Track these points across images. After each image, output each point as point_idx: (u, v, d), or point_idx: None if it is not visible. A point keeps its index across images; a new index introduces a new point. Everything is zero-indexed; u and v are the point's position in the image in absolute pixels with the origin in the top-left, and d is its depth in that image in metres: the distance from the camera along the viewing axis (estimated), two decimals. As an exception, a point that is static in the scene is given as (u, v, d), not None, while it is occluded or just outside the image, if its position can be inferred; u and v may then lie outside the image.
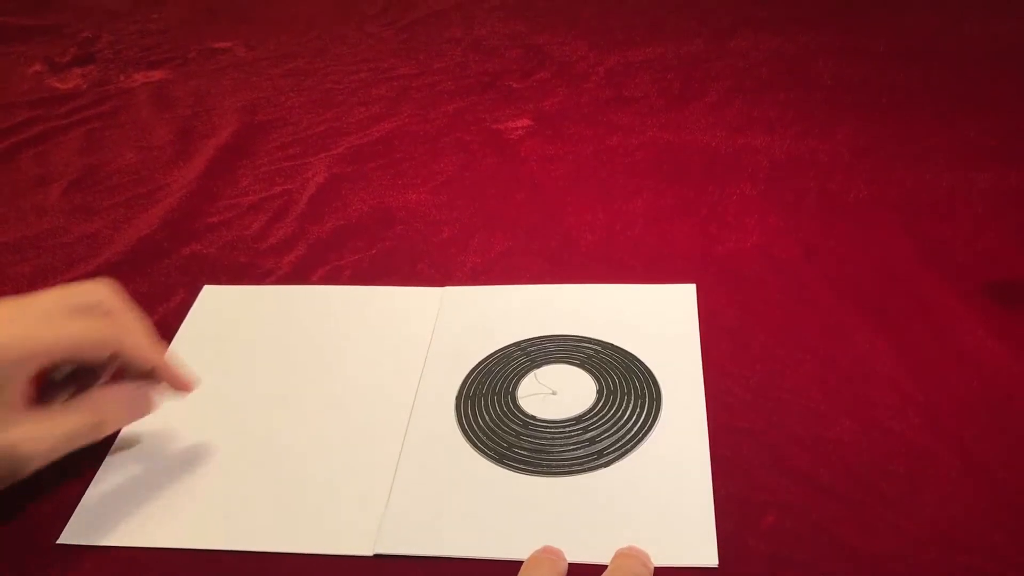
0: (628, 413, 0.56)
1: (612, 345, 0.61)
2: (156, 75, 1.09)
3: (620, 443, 0.54)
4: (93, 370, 0.52)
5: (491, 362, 0.61)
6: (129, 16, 1.27)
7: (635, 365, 0.59)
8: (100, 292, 0.51)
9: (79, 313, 0.49)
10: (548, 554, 0.47)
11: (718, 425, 0.55)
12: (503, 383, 0.59)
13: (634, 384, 0.58)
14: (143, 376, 0.53)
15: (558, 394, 0.58)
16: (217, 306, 0.69)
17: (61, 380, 0.51)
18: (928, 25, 1.01)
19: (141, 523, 0.52)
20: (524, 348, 0.62)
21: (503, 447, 0.54)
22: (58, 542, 0.51)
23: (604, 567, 0.46)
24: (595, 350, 0.61)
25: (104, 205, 0.83)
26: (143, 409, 0.54)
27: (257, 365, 0.63)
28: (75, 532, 0.52)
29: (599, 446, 0.54)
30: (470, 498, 0.52)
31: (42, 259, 0.76)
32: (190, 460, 0.56)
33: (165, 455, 0.56)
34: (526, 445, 0.54)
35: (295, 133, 0.93)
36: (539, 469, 0.53)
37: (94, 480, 0.55)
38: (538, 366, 0.60)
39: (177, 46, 1.16)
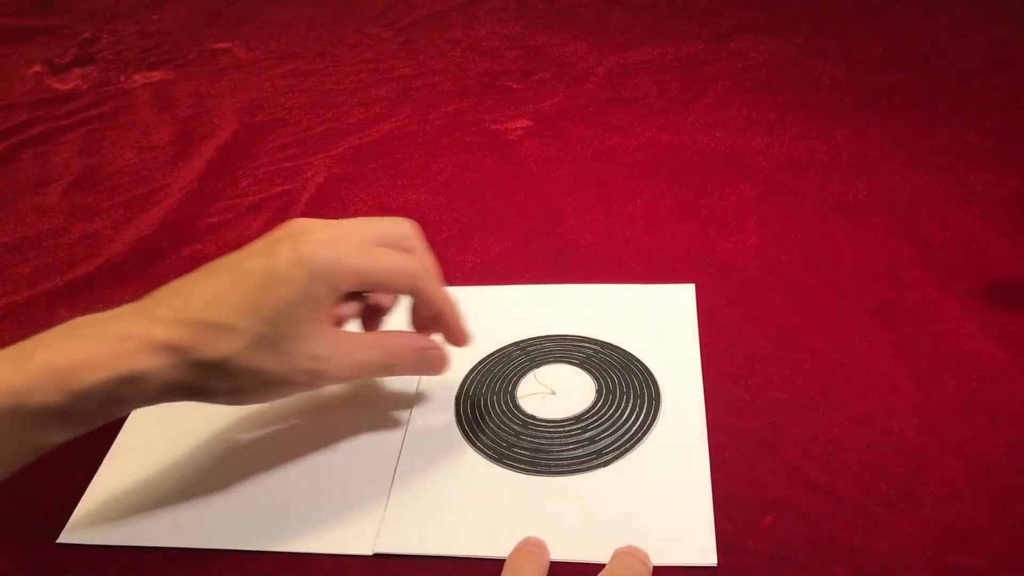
0: (627, 413, 0.56)
1: (611, 345, 0.61)
2: (156, 76, 1.09)
3: (619, 443, 0.54)
4: (379, 306, 0.55)
5: (491, 362, 0.61)
6: (129, 17, 1.27)
7: (634, 365, 0.60)
8: (404, 227, 0.52)
9: (386, 245, 0.50)
10: (531, 546, 0.48)
11: (717, 425, 0.55)
12: (502, 383, 0.59)
13: (633, 384, 0.58)
14: (424, 320, 0.54)
15: (557, 394, 0.58)
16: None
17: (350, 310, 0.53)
18: (927, 27, 1.01)
19: (141, 522, 0.52)
20: (523, 348, 0.62)
21: (502, 447, 0.55)
22: (58, 541, 0.51)
23: (603, 566, 0.46)
24: (594, 350, 0.61)
25: (104, 206, 0.84)
26: (436, 366, 0.54)
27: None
28: (75, 531, 0.52)
29: (598, 445, 0.54)
30: (469, 497, 0.52)
31: (42, 259, 0.76)
32: (190, 459, 0.56)
33: (165, 454, 0.56)
34: (525, 445, 0.54)
35: (295, 134, 0.93)
36: (538, 469, 0.53)
37: (94, 479, 0.55)
38: (537, 366, 0.60)
39: (177, 47, 1.17)
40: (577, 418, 0.56)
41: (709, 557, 0.47)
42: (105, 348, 0.44)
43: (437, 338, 0.54)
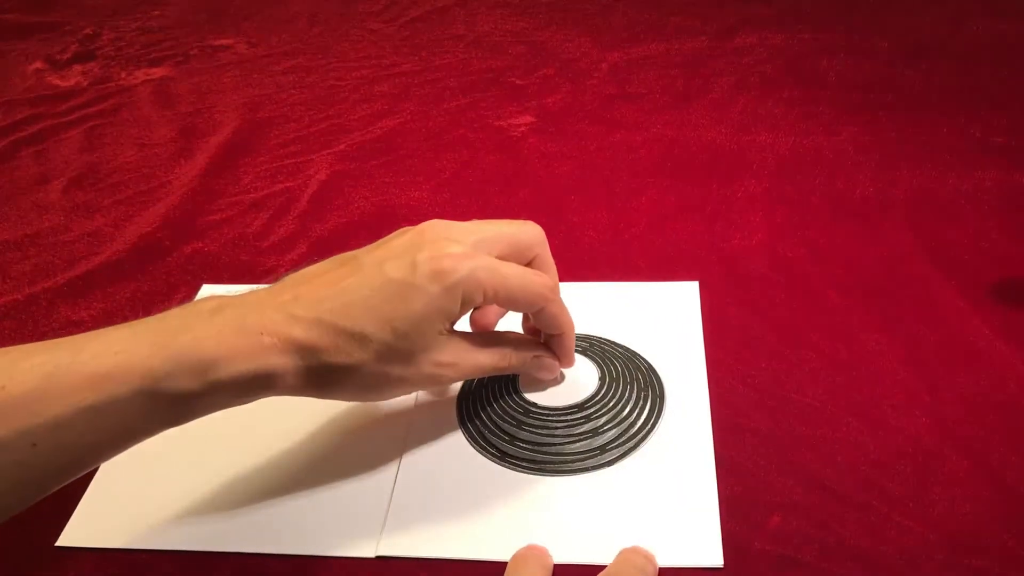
0: (631, 405, 0.55)
1: (615, 343, 0.61)
2: (157, 72, 1.09)
3: (623, 437, 0.53)
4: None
5: None
6: (130, 13, 1.27)
7: (638, 361, 0.59)
8: (533, 234, 0.52)
9: (516, 252, 0.51)
10: (533, 551, 0.47)
11: (723, 424, 0.54)
12: (505, 377, 0.58)
13: (637, 378, 0.58)
14: (537, 332, 0.56)
15: (560, 379, 0.58)
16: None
17: None
18: (934, 23, 1.00)
19: (141, 525, 0.51)
20: None
21: (504, 439, 0.54)
22: (57, 544, 0.51)
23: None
24: (598, 342, 0.60)
25: (105, 203, 0.83)
26: (548, 371, 0.56)
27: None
28: (74, 534, 0.51)
29: (601, 440, 0.53)
30: (473, 499, 0.51)
31: (43, 257, 0.76)
32: (190, 461, 0.55)
33: (165, 456, 0.56)
34: (527, 437, 0.54)
35: (297, 130, 0.93)
36: (541, 465, 0.52)
37: (93, 481, 0.54)
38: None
39: (178, 43, 1.16)
40: (580, 406, 0.55)
41: (715, 558, 0.47)
42: (246, 342, 0.44)
43: None
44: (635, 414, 0.55)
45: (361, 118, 0.94)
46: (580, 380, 0.58)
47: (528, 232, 0.52)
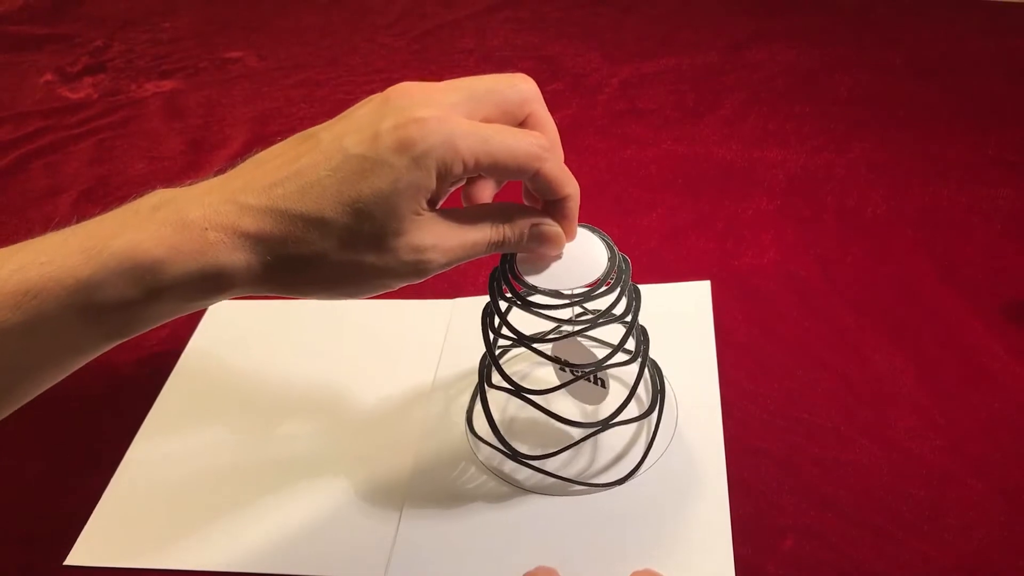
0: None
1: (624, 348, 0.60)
2: (167, 85, 1.09)
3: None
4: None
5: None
6: (141, 25, 1.27)
7: (652, 370, 0.58)
8: (522, 87, 0.45)
9: (502, 111, 0.44)
10: (543, 573, 0.47)
11: (735, 445, 0.54)
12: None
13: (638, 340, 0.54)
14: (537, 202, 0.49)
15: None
16: (226, 321, 0.68)
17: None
18: (946, 39, 1.00)
19: (148, 544, 0.51)
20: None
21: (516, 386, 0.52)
22: (65, 563, 0.51)
23: (620, 592, 0.45)
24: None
25: (114, 216, 0.83)
26: (551, 242, 0.48)
27: (266, 382, 0.62)
28: (83, 553, 0.51)
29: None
30: (481, 520, 0.51)
31: (52, 271, 0.76)
32: (199, 480, 0.55)
33: (173, 475, 0.56)
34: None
35: (306, 144, 0.93)
36: (548, 472, 0.52)
37: (101, 500, 0.54)
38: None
39: (188, 56, 1.16)
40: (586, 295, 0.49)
41: (728, 582, 0.46)
42: (189, 239, 0.40)
43: None
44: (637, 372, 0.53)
45: (371, 132, 0.94)
46: (585, 258, 0.50)
47: (518, 87, 0.45)
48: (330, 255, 0.42)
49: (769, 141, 0.85)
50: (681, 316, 0.63)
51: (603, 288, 0.49)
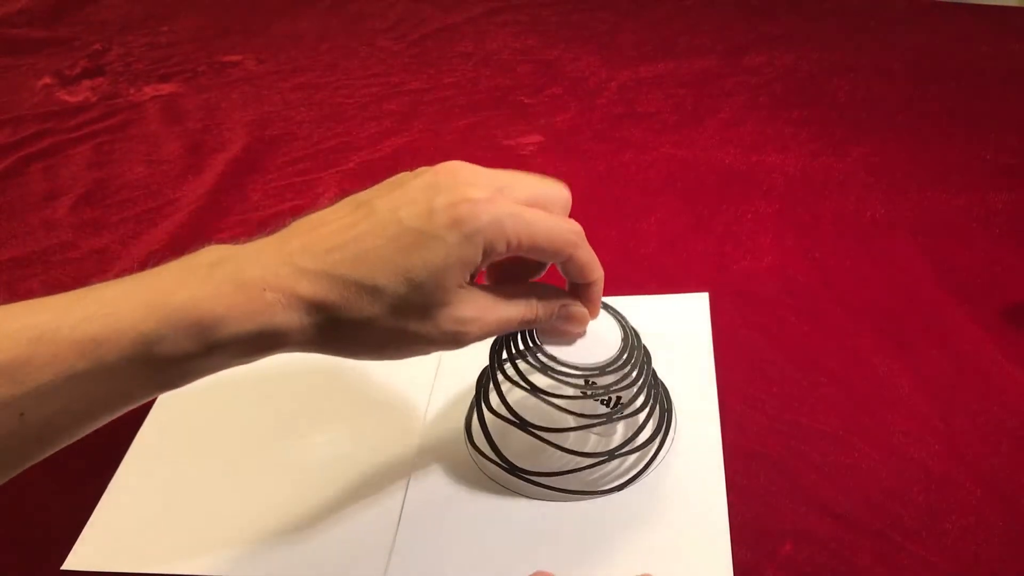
0: (644, 370, 0.53)
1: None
2: (166, 88, 1.09)
3: (631, 444, 0.53)
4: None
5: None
6: (139, 29, 1.27)
7: (660, 392, 0.58)
8: (557, 191, 0.48)
9: (538, 206, 0.47)
10: None
11: (734, 450, 0.54)
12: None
13: (651, 382, 0.55)
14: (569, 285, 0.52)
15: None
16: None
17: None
18: (944, 44, 1.00)
19: (147, 548, 0.51)
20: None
21: (515, 418, 0.52)
22: (63, 568, 0.50)
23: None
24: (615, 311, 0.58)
25: (113, 220, 0.83)
26: (577, 322, 0.51)
27: (263, 388, 0.62)
28: (81, 557, 0.51)
29: (611, 442, 0.53)
30: (480, 526, 0.51)
31: (50, 274, 0.76)
32: (197, 485, 0.55)
33: (172, 480, 0.56)
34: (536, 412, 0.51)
35: (305, 148, 0.93)
36: (550, 483, 0.52)
37: (100, 504, 0.54)
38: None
39: (187, 59, 1.16)
40: (601, 368, 0.52)
41: (727, 587, 0.46)
42: (247, 299, 0.41)
43: None
44: (645, 415, 0.53)
45: (369, 136, 0.94)
46: (602, 337, 0.54)
47: (554, 190, 0.48)
48: (379, 321, 0.44)
49: (768, 145, 0.85)
50: (679, 328, 0.63)
51: (618, 365, 0.52)
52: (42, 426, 0.40)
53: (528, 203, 0.46)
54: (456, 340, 0.46)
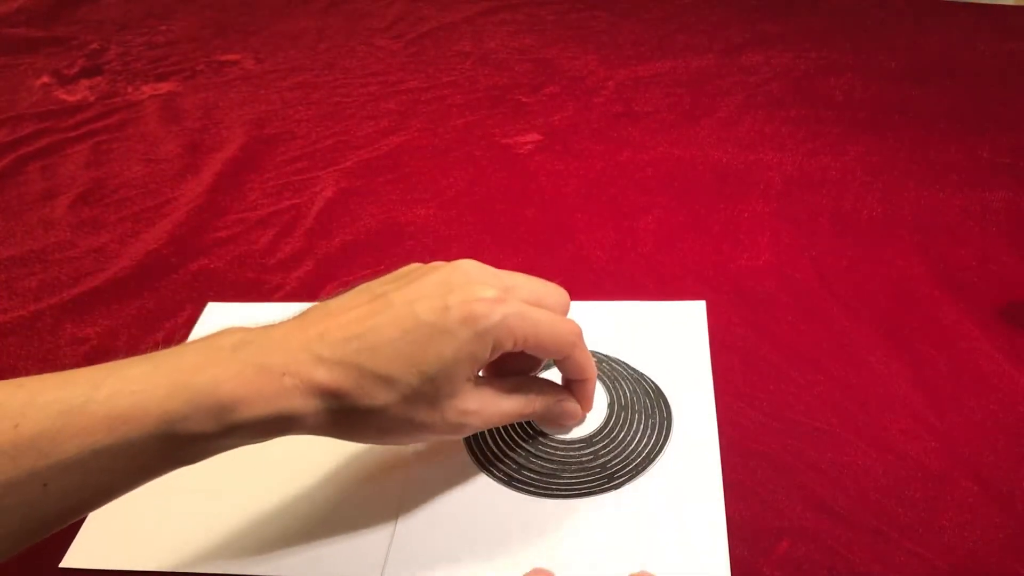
0: (639, 435, 0.55)
1: (622, 362, 0.61)
2: (164, 87, 1.09)
3: (630, 467, 0.53)
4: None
5: None
6: (137, 28, 1.27)
7: (645, 382, 0.59)
8: (561, 297, 0.52)
9: (548, 308, 0.50)
10: (540, 574, 0.47)
11: (731, 448, 0.54)
12: None
13: (645, 403, 0.57)
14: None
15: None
16: (221, 324, 0.68)
17: None
18: (942, 43, 1.00)
19: (146, 546, 0.51)
20: None
21: (512, 469, 0.54)
22: (61, 566, 0.50)
23: (616, 594, 0.46)
24: (606, 367, 0.60)
25: (111, 219, 0.83)
26: (569, 418, 0.55)
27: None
28: (78, 555, 0.51)
29: (609, 471, 0.53)
30: (478, 522, 0.51)
31: (48, 273, 0.76)
32: (196, 483, 0.55)
33: (170, 477, 0.55)
34: (535, 467, 0.54)
35: (303, 147, 0.93)
36: (548, 492, 0.52)
37: (99, 501, 0.54)
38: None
39: (185, 58, 1.16)
40: (588, 440, 0.55)
41: (724, 584, 0.46)
42: (267, 383, 0.43)
43: None
44: (642, 444, 0.55)
45: (368, 135, 0.94)
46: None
47: (555, 294, 0.51)
48: (390, 409, 0.45)
49: (765, 144, 0.85)
50: (677, 333, 0.63)
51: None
52: (63, 497, 0.41)
53: (531, 303, 0.49)
54: (458, 430, 0.49)
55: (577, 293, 0.67)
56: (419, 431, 0.47)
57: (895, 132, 0.85)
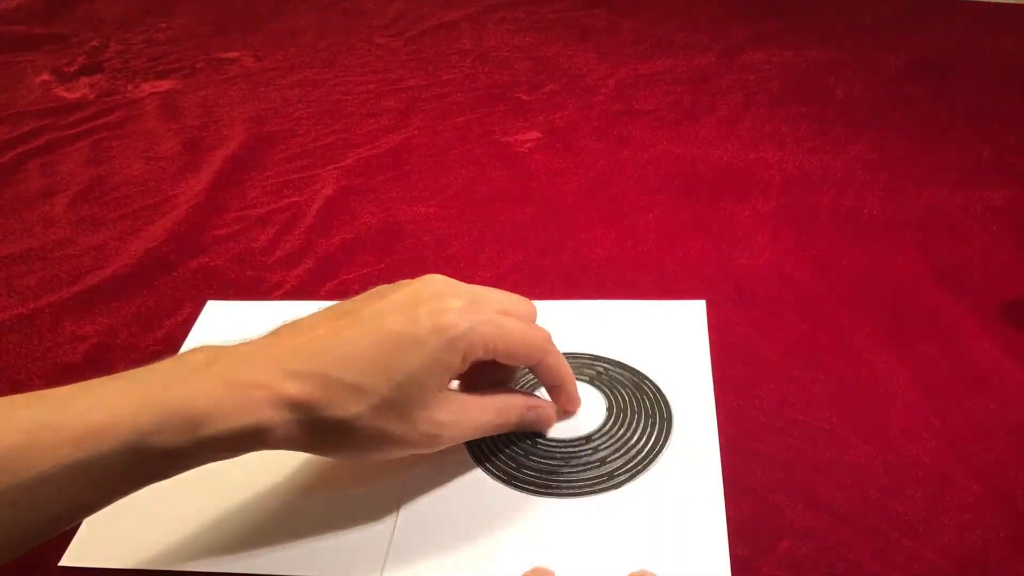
0: (638, 434, 0.55)
1: (621, 363, 0.60)
2: (164, 85, 1.09)
3: (630, 464, 0.53)
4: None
5: None
6: (137, 26, 1.27)
7: (645, 384, 0.59)
8: (528, 308, 0.53)
9: (515, 318, 0.51)
10: (538, 574, 0.47)
11: (731, 447, 0.54)
12: None
13: (644, 403, 0.57)
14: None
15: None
16: (221, 322, 0.68)
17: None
18: (942, 41, 1.00)
19: (145, 545, 0.51)
20: None
21: (511, 467, 0.54)
22: (60, 564, 0.50)
23: (616, 593, 0.46)
24: (605, 368, 0.60)
25: (111, 217, 0.83)
26: (544, 423, 0.55)
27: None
28: (78, 554, 0.51)
29: (609, 467, 0.53)
30: (478, 521, 0.51)
31: (48, 271, 0.76)
32: (196, 481, 0.55)
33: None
34: (535, 465, 0.54)
35: (303, 145, 0.93)
36: (548, 491, 0.52)
37: (98, 499, 0.54)
38: None
39: (185, 56, 1.16)
40: (587, 438, 0.55)
41: (724, 583, 0.46)
42: (236, 396, 0.43)
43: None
44: (642, 442, 0.55)
45: (367, 133, 0.94)
46: (588, 411, 0.57)
47: (522, 304, 0.52)
48: (361, 419, 0.45)
49: (765, 143, 0.85)
50: (677, 333, 0.63)
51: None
52: (32, 516, 0.41)
53: (500, 313, 0.50)
54: (431, 442, 0.49)
55: (576, 292, 0.67)
56: (391, 444, 0.47)
57: (896, 130, 0.85)
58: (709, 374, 0.59)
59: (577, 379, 0.59)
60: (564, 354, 0.60)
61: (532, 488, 0.52)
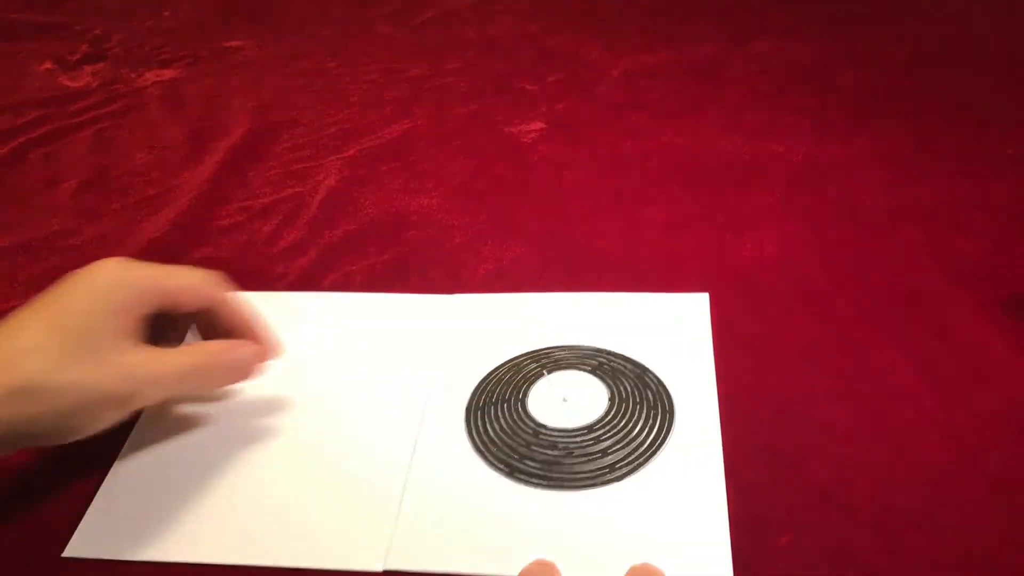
0: (640, 424, 0.55)
1: (624, 356, 0.60)
2: (167, 74, 1.09)
3: (632, 456, 0.53)
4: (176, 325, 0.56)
5: (502, 371, 0.60)
6: (140, 14, 1.26)
7: (648, 376, 0.59)
8: (200, 274, 0.55)
9: (187, 269, 0.54)
10: (541, 566, 0.46)
11: (733, 440, 0.54)
12: (514, 392, 0.58)
13: (647, 395, 0.57)
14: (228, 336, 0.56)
15: (569, 401, 0.57)
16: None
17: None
18: (949, 32, 1.00)
19: (149, 536, 0.51)
20: (536, 357, 0.61)
21: (514, 459, 0.54)
22: (63, 555, 0.50)
23: (618, 586, 0.45)
24: (607, 359, 0.60)
25: (114, 207, 0.83)
26: (245, 372, 0.56)
27: (263, 379, 0.62)
28: (81, 545, 0.51)
29: (611, 459, 0.53)
30: (481, 513, 0.51)
31: (52, 260, 0.76)
32: (199, 471, 0.55)
33: (173, 466, 0.56)
34: (537, 456, 0.54)
35: (307, 134, 0.92)
36: (550, 482, 0.52)
37: (100, 490, 0.54)
38: (550, 372, 0.59)
39: (188, 45, 1.16)
40: (589, 428, 0.55)
41: (726, 577, 0.46)
42: None
43: None
44: (644, 434, 0.55)
45: (371, 123, 0.94)
46: (590, 401, 0.57)
47: (196, 271, 0.55)
48: (47, 376, 0.46)
49: (771, 134, 0.84)
50: (679, 326, 0.63)
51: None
52: None
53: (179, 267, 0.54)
54: (133, 388, 0.49)
55: (580, 284, 0.67)
56: (91, 401, 0.47)
57: (902, 122, 0.84)
58: (712, 367, 0.59)
59: (579, 369, 0.59)
60: (566, 346, 0.61)
61: (534, 481, 0.52)
